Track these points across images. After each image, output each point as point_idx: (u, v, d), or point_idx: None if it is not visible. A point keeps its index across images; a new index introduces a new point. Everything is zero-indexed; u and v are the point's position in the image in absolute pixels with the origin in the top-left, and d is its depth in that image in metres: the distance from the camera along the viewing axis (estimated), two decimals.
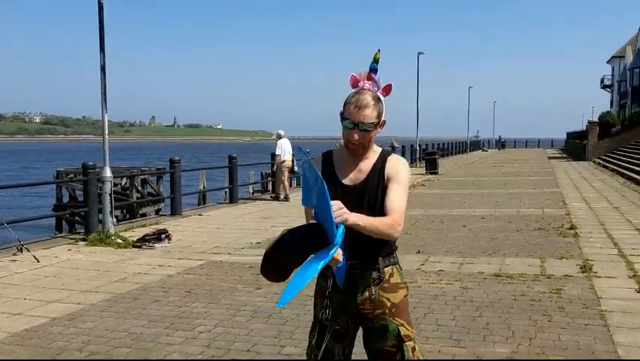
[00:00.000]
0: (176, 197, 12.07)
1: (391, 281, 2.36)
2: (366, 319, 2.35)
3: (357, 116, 2.24)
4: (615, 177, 21.09)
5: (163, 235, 8.64)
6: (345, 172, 2.38)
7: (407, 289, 2.43)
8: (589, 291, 5.80)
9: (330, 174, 2.36)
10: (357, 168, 2.37)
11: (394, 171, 2.34)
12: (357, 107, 2.25)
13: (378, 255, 2.36)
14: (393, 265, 2.40)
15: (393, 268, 2.40)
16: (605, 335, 4.56)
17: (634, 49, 48.54)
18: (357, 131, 2.26)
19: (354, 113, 2.25)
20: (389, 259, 2.39)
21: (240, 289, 6.07)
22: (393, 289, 2.36)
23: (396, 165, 2.36)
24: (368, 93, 2.27)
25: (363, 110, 2.24)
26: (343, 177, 2.38)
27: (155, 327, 4.85)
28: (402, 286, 2.39)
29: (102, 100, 8.99)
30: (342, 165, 2.41)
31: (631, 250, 7.85)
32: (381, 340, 2.33)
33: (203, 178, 25.08)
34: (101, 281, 6.44)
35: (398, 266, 2.44)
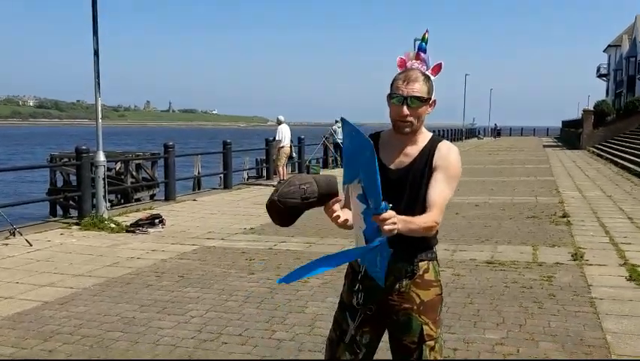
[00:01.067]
0: (170, 182, 12.05)
1: (425, 277, 2.24)
2: (392, 311, 2.25)
3: (406, 89, 2.14)
4: (609, 166, 21.16)
5: (157, 220, 8.63)
6: (390, 155, 2.26)
7: (440, 288, 2.29)
8: (580, 278, 5.84)
9: None
10: (403, 151, 2.24)
11: (444, 160, 2.20)
12: (405, 81, 2.15)
13: (416, 247, 2.24)
14: (430, 261, 2.27)
15: (430, 264, 2.27)
16: (595, 322, 4.60)
17: (630, 38, 48.50)
18: (405, 107, 2.15)
19: (403, 87, 2.15)
20: (426, 253, 2.27)
21: (233, 274, 6.08)
22: (426, 286, 2.24)
23: (447, 154, 2.22)
24: (417, 71, 2.19)
25: (413, 84, 2.15)
26: (387, 160, 2.25)
27: (147, 311, 4.86)
28: (435, 285, 2.26)
29: (95, 84, 8.92)
30: (387, 147, 2.28)
31: (622, 238, 7.90)
32: (403, 334, 2.24)
33: (198, 164, 25.02)
34: (93, 266, 6.43)
35: (435, 263, 2.30)
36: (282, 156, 14.93)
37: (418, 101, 2.16)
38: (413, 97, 2.15)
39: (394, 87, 2.19)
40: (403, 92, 2.15)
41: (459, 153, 2.27)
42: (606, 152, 26.73)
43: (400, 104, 2.16)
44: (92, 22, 8.87)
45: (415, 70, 2.19)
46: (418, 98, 2.15)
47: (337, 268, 2.11)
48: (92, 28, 8.87)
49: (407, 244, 2.17)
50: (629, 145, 25.59)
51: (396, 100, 2.17)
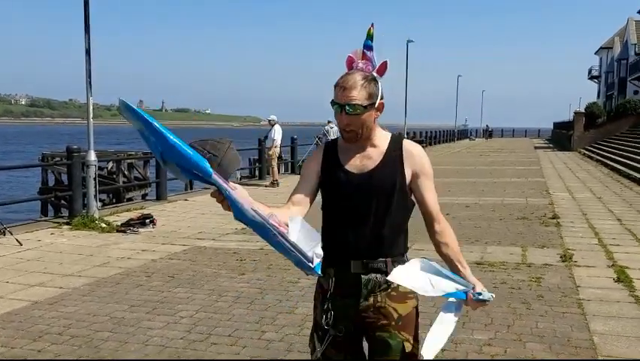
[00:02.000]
0: (162, 182, 12.02)
1: (400, 289, 2.07)
2: (369, 328, 2.09)
3: (343, 97, 2.01)
4: (599, 168, 21.29)
5: (147, 220, 8.62)
6: (350, 158, 2.12)
7: (417, 299, 2.14)
8: (568, 280, 5.89)
9: (332, 161, 2.14)
10: (364, 154, 2.11)
11: (418, 163, 2.11)
12: (342, 87, 2.02)
13: (386, 255, 2.08)
14: None
15: None
16: (582, 323, 4.64)
17: (622, 40, 48.80)
18: (344, 115, 2.01)
19: (340, 95, 2.02)
20: (401, 261, 2.09)
21: (224, 274, 6.08)
22: (402, 299, 2.08)
23: (420, 157, 2.12)
24: (358, 73, 2.04)
25: (350, 92, 2.00)
26: (347, 164, 2.12)
27: (136, 312, 4.86)
28: (411, 296, 2.11)
29: (87, 83, 8.90)
30: (346, 150, 2.15)
31: (611, 239, 7.96)
32: (383, 354, 2.07)
33: None
34: (83, 265, 6.42)
35: None
36: (275, 155, 15.01)
37: (357, 108, 2.00)
38: (351, 104, 2.00)
39: (335, 93, 2.05)
40: (340, 100, 2.02)
41: (424, 150, 2.20)
42: (597, 154, 26.90)
43: (339, 113, 2.03)
44: (84, 21, 8.85)
45: (355, 73, 2.04)
46: (355, 106, 2.00)
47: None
48: (84, 26, 8.85)
49: (376, 253, 2.07)
50: (620, 147, 25.77)
51: (335, 108, 2.04)
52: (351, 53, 2.10)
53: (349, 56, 2.10)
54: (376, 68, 2.08)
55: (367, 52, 2.09)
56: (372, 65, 2.08)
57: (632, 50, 43.24)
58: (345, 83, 2.02)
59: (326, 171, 2.14)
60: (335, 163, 2.13)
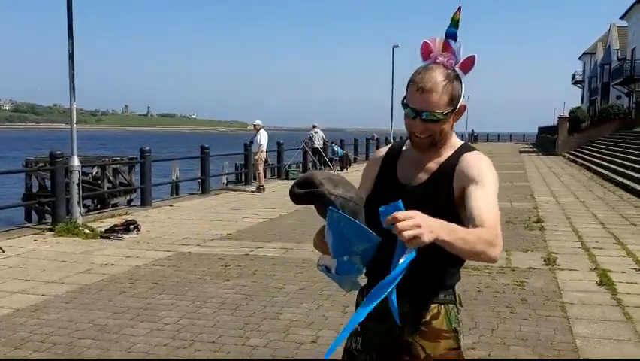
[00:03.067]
0: (147, 187, 11.95)
1: (432, 325, 1.74)
2: None
3: (420, 102, 1.67)
4: (583, 172, 21.50)
5: (132, 226, 8.56)
6: (407, 169, 1.81)
7: (457, 340, 1.76)
8: (551, 283, 5.93)
9: (388, 169, 1.86)
10: (423, 165, 1.78)
11: (474, 170, 1.70)
12: (420, 89, 1.67)
13: (424, 283, 1.75)
14: (444, 305, 1.77)
15: (442, 307, 1.76)
16: (565, 326, 4.67)
17: (605, 46, 49.40)
18: (419, 121, 1.69)
19: (416, 97, 1.68)
20: (440, 293, 1.77)
21: (208, 280, 6.05)
22: (434, 337, 1.73)
23: (475, 164, 1.72)
24: (439, 70, 1.68)
25: (429, 95, 1.66)
26: (403, 176, 1.81)
27: (120, 318, 4.81)
28: (447, 336, 1.74)
29: (70, 88, 8.83)
30: (406, 160, 1.84)
31: (594, 243, 8.04)
32: None
33: (176, 168, 24.86)
34: (66, 272, 6.35)
35: (451, 307, 1.78)
36: (261, 160, 15.00)
37: (435, 115, 1.68)
38: (429, 111, 1.68)
39: (408, 93, 1.72)
40: (416, 105, 1.69)
41: (491, 164, 1.76)
42: (581, 158, 27.18)
43: (412, 118, 1.71)
44: (67, 25, 8.79)
45: (435, 69, 1.69)
46: (435, 113, 1.68)
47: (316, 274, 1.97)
48: (67, 31, 8.79)
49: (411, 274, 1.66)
50: (603, 151, 26.05)
51: (409, 112, 1.71)
52: (428, 40, 1.74)
53: (425, 42, 1.74)
54: (460, 63, 1.73)
55: (451, 42, 1.73)
56: (456, 59, 1.72)
57: (615, 56, 43.81)
58: (424, 84, 1.67)
59: (379, 179, 1.88)
60: (390, 171, 1.85)
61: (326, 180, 1.66)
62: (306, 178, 1.69)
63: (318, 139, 21.68)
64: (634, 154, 20.94)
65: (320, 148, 21.69)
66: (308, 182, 1.67)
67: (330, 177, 1.69)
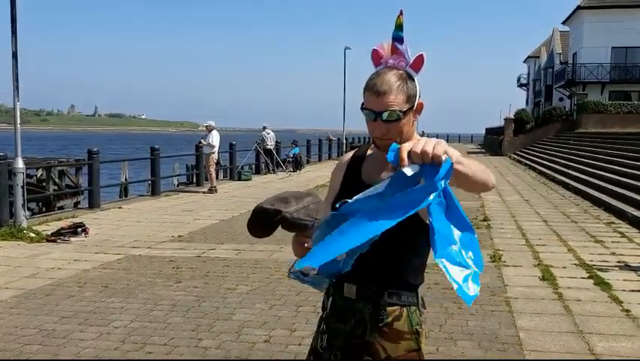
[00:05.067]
0: (95, 189, 11.69)
1: (394, 326, 1.75)
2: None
3: (378, 104, 1.71)
4: (528, 172, 22.22)
5: (79, 229, 8.37)
6: (371, 170, 1.85)
7: (417, 342, 1.78)
8: (497, 279, 6.14)
9: (353, 172, 1.91)
10: (386, 164, 1.69)
11: None
12: (375, 92, 1.71)
13: (386, 282, 1.77)
14: (406, 307, 1.78)
15: (404, 309, 1.78)
16: (509, 320, 4.85)
17: (548, 50, 51.15)
18: (380, 123, 1.72)
19: (374, 100, 1.71)
20: (402, 295, 1.78)
21: (159, 283, 5.98)
22: (395, 338, 1.74)
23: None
24: (391, 72, 1.73)
25: (385, 97, 1.70)
26: (366, 176, 1.86)
27: (68, 323, 4.71)
28: (407, 337, 1.76)
29: (14, 88, 8.55)
30: (372, 161, 1.89)
31: (537, 240, 8.35)
32: None
33: (125, 170, 24.40)
34: (10, 277, 6.17)
35: (415, 309, 1.80)
36: (212, 161, 14.90)
37: (394, 114, 1.71)
38: (388, 111, 1.71)
39: (366, 98, 1.75)
40: (375, 107, 1.72)
41: None
42: (526, 158, 28.07)
43: (373, 120, 1.74)
44: (11, 23, 8.52)
45: (388, 73, 1.73)
46: (393, 113, 1.71)
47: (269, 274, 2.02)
48: (11, 29, 8.52)
49: (372, 279, 1.77)
50: (547, 152, 27.01)
51: (368, 115, 1.75)
52: (377, 47, 1.79)
53: (375, 50, 1.79)
54: (410, 63, 1.77)
55: (398, 45, 1.77)
56: (406, 60, 1.77)
57: (558, 59, 45.45)
58: (379, 87, 1.71)
59: (344, 183, 1.91)
60: (355, 174, 1.88)
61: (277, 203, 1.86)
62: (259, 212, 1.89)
63: (270, 140, 21.65)
64: (576, 154, 21.80)
65: (272, 149, 21.66)
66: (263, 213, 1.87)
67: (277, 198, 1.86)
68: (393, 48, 1.77)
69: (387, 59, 1.76)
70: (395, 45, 1.76)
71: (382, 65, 1.77)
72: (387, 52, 1.78)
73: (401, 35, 1.76)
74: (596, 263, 6.86)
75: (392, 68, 1.75)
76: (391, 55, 1.77)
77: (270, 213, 1.80)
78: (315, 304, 4.98)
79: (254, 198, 13.41)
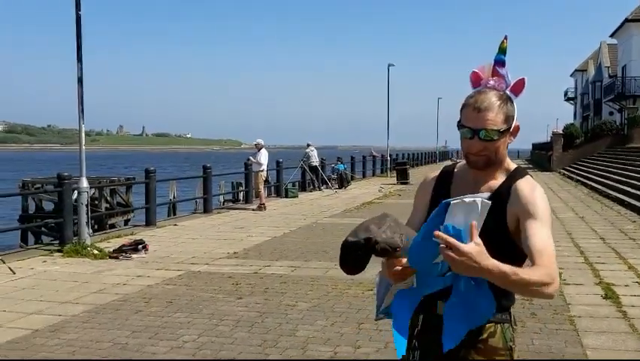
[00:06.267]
0: (151, 207, 12.04)
1: (489, 343, 1.81)
2: None
3: (477, 121, 1.76)
4: (580, 188, 21.72)
5: (140, 246, 8.64)
6: (461, 192, 1.82)
7: (510, 357, 1.85)
8: (559, 298, 6.04)
9: (441, 193, 1.91)
10: (476, 187, 1.84)
11: (527, 202, 1.75)
12: (476, 109, 1.76)
13: None
14: (500, 324, 1.84)
15: (499, 326, 1.83)
16: (575, 338, 4.80)
17: (595, 63, 50.07)
18: (477, 141, 1.77)
19: (473, 117, 1.76)
20: (497, 314, 1.81)
21: (221, 299, 6.13)
22: (490, 354, 1.81)
23: (529, 195, 1.77)
24: (492, 92, 1.79)
25: (485, 114, 1.75)
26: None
27: (139, 337, 4.89)
28: (502, 353, 1.82)
29: (79, 111, 8.95)
30: (460, 182, 1.91)
31: (596, 258, 8.19)
32: None
33: (174, 188, 24.94)
34: (80, 292, 6.43)
35: (508, 326, 1.86)
36: (261, 179, 15.13)
37: (492, 133, 1.76)
38: (486, 129, 1.76)
39: (464, 115, 1.80)
40: (473, 124, 1.77)
41: (544, 194, 1.82)
42: (576, 174, 27.43)
43: (470, 138, 1.78)
44: (77, 50, 8.94)
45: (489, 92, 1.79)
46: (492, 131, 1.76)
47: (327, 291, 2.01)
48: (77, 55, 8.94)
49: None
50: (598, 167, 26.33)
51: (466, 132, 1.79)
52: (477, 69, 1.86)
53: (474, 72, 1.86)
54: (511, 86, 1.84)
55: (499, 68, 1.84)
56: (506, 83, 1.83)
57: (606, 73, 44.41)
58: (480, 104, 1.77)
59: (432, 203, 1.92)
60: (444, 195, 1.87)
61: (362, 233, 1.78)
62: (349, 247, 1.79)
63: (314, 157, 21.83)
64: (628, 170, 21.19)
65: (318, 166, 21.82)
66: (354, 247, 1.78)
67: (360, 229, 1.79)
68: (494, 71, 1.83)
69: (487, 81, 1.83)
70: (496, 68, 1.83)
71: (482, 86, 1.83)
72: (487, 73, 1.84)
73: (503, 59, 1.84)
74: None
75: (492, 88, 1.81)
76: (492, 77, 1.83)
77: (361, 245, 1.74)
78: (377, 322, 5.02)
79: (302, 215, 13.56)
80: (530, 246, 1.69)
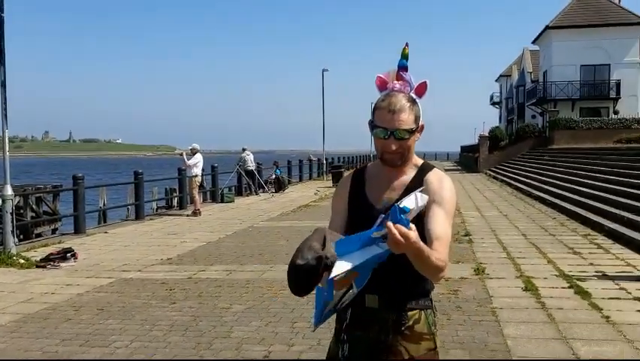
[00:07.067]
0: (80, 215, 11.71)
1: (415, 329, 1.94)
2: None
3: (392, 122, 1.90)
4: (504, 188, 22.70)
5: (68, 254, 8.41)
6: (377, 191, 2.01)
7: (435, 342, 1.98)
8: (482, 291, 6.38)
9: (359, 195, 2.04)
10: (390, 184, 2.01)
11: (434, 192, 1.93)
12: (390, 111, 1.90)
13: (405, 293, 1.95)
14: (423, 310, 1.97)
15: (422, 313, 1.97)
16: (497, 329, 5.08)
17: (519, 69, 52.41)
18: (392, 140, 1.92)
19: (388, 119, 1.90)
20: (420, 300, 1.97)
21: (154, 304, 6.09)
22: (416, 339, 1.93)
23: (439, 187, 1.95)
24: (401, 95, 1.94)
25: (398, 115, 1.90)
26: (373, 197, 2.01)
27: (69, 345, 4.81)
28: (427, 338, 1.95)
29: (2, 116, 8.62)
30: (373, 181, 2.05)
31: (518, 253, 8.64)
32: None
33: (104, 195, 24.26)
34: (6, 302, 6.21)
35: (429, 312, 1.99)
36: (196, 184, 14.99)
37: (405, 133, 1.92)
38: (400, 129, 1.91)
39: (378, 117, 1.94)
40: (389, 125, 1.91)
41: (452, 185, 2.02)
42: (501, 174, 28.65)
43: (385, 137, 1.93)
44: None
45: (398, 95, 1.94)
46: (404, 131, 1.92)
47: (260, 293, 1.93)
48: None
49: (394, 287, 1.94)
50: (521, 167, 27.63)
51: (381, 132, 1.93)
52: (382, 74, 2.00)
53: (380, 77, 2.00)
54: (414, 89, 1.99)
55: (403, 73, 1.99)
56: (410, 86, 1.98)
57: (529, 78, 46.64)
58: (394, 107, 1.91)
59: (352, 207, 2.05)
60: (361, 196, 2.04)
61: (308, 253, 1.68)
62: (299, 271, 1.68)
63: (250, 161, 21.79)
64: (550, 169, 22.37)
65: (254, 170, 21.80)
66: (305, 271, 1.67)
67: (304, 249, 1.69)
68: (398, 75, 1.99)
69: (393, 85, 1.98)
70: (400, 73, 1.99)
71: (388, 89, 1.98)
72: (392, 78, 1.99)
73: (406, 64, 1.99)
74: (575, 273, 7.15)
75: (399, 91, 1.96)
76: (396, 81, 1.98)
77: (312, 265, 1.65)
78: (310, 320, 5.14)
79: (238, 219, 13.54)
80: (430, 231, 1.84)
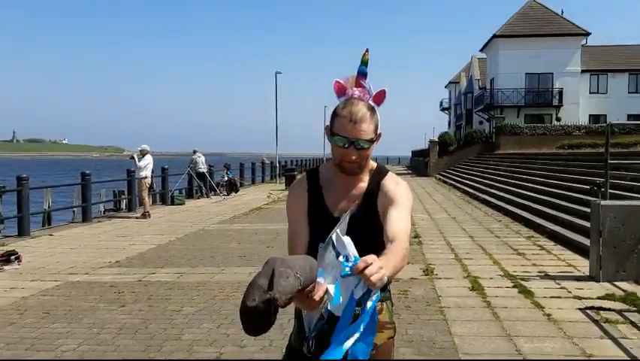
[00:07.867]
0: (24, 216, 11.34)
1: (379, 319, 1.91)
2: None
3: (353, 132, 1.88)
4: (453, 191, 23.23)
5: (12, 257, 8.14)
6: (334, 198, 2.00)
7: (394, 331, 2.04)
8: (431, 291, 6.53)
9: (317, 203, 2.02)
10: (347, 192, 2.00)
11: (392, 196, 1.96)
12: (352, 121, 1.87)
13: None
14: (386, 301, 2.02)
15: (384, 304, 2.01)
16: (444, 327, 5.21)
17: (467, 76, 53.72)
18: (353, 150, 1.90)
19: (349, 128, 1.88)
20: (381, 292, 1.92)
21: (102, 307, 5.97)
22: (379, 329, 1.90)
23: (393, 189, 1.99)
24: (361, 103, 1.90)
25: (360, 125, 1.87)
26: (331, 205, 2.00)
27: (14, 349, 4.67)
28: (389, 327, 2.01)
29: None
30: (330, 187, 2.03)
31: (465, 254, 8.88)
32: None
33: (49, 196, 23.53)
34: None
35: (389, 303, 2.06)
36: (145, 186, 14.73)
37: (366, 143, 1.91)
38: (361, 139, 1.90)
39: (338, 125, 1.92)
40: (349, 134, 1.89)
41: (408, 187, 2.05)
42: (450, 178, 29.30)
43: (345, 147, 1.91)
44: None
45: (359, 104, 1.91)
46: (365, 141, 1.90)
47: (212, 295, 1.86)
48: None
49: None
50: (469, 172, 28.33)
51: (341, 141, 1.91)
52: (341, 80, 1.97)
53: (338, 82, 1.96)
54: (373, 97, 1.96)
55: (361, 80, 1.96)
56: (369, 94, 1.95)
57: (476, 85, 47.87)
58: (355, 116, 1.88)
59: (311, 216, 2.02)
60: (320, 205, 2.02)
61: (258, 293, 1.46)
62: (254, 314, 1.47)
63: (202, 163, 21.57)
64: (496, 174, 23.02)
65: (205, 172, 21.58)
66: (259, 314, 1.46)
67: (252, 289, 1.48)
68: (357, 82, 1.95)
69: (352, 92, 1.94)
70: (360, 79, 1.95)
71: (347, 96, 1.95)
72: (350, 84, 1.95)
73: (366, 71, 1.96)
74: (519, 273, 7.40)
75: (359, 99, 1.92)
76: (355, 87, 1.94)
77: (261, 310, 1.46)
78: None
79: (189, 222, 13.38)
80: (390, 230, 1.86)
